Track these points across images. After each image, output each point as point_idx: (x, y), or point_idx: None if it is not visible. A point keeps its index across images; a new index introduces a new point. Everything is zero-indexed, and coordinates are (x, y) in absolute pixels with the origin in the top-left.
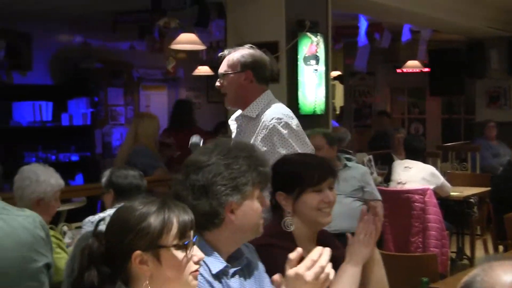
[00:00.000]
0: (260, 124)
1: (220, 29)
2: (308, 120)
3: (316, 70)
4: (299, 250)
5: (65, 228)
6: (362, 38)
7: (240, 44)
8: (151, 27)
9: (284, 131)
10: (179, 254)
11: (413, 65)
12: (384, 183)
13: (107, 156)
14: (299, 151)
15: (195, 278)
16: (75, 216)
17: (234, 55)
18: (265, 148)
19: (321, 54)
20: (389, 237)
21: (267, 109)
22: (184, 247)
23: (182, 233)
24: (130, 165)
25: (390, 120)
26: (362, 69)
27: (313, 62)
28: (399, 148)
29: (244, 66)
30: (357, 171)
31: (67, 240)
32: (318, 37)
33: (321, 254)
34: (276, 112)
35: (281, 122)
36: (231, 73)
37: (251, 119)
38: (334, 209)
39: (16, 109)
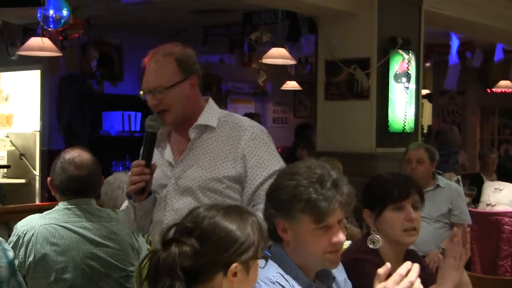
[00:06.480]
0: (239, 131)
1: (309, 44)
2: (397, 138)
3: (407, 87)
4: (388, 265)
5: (150, 238)
6: (453, 56)
7: (331, 61)
8: (242, 41)
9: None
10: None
11: (505, 85)
12: (472, 204)
13: None
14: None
15: None
16: None
17: (167, 62)
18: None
19: (413, 71)
20: (476, 260)
21: (223, 115)
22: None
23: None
24: None
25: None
26: (452, 88)
27: (404, 79)
28: (491, 169)
29: (188, 71)
30: (448, 193)
31: None
32: (410, 54)
33: (410, 270)
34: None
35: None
36: (173, 85)
37: (211, 129)
38: (420, 234)
39: (105, 119)
